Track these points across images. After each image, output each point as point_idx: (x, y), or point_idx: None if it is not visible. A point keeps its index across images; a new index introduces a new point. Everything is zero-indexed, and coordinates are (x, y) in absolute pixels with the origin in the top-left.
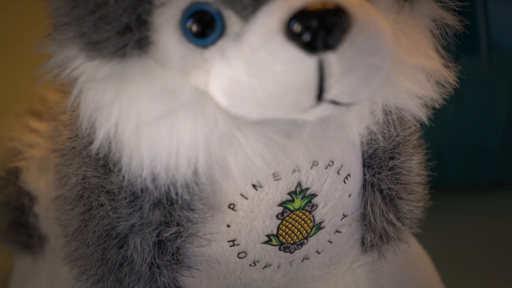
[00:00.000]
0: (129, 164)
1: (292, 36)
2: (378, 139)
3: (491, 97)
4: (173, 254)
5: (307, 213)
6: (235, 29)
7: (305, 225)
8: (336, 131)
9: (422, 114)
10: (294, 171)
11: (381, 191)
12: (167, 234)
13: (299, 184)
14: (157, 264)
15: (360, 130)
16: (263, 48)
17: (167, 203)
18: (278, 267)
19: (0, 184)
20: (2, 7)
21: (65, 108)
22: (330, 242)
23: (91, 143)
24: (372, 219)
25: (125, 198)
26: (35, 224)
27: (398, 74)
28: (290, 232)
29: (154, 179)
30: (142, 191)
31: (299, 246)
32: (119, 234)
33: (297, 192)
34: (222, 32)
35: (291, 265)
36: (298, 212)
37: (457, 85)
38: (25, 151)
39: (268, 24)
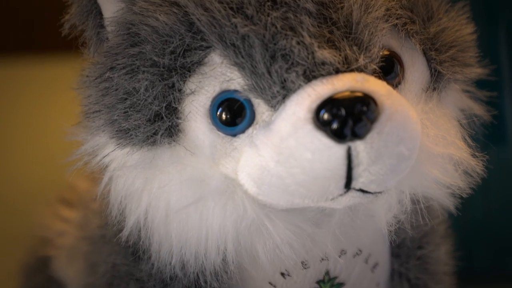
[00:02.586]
0: (158, 252)
1: (321, 124)
2: (406, 228)
3: None
4: None
5: None
6: (264, 117)
7: None
8: (364, 220)
9: (450, 204)
10: (322, 259)
11: (408, 280)
12: None
13: (327, 272)
14: None
15: (388, 219)
16: (292, 136)
17: None
18: None
19: (29, 273)
20: (32, 96)
21: (95, 195)
22: None
23: (120, 230)
24: None
25: (155, 286)
26: None
27: (426, 163)
28: None
29: (183, 267)
30: (171, 278)
31: None
32: None
33: (326, 280)
34: (251, 120)
35: None
36: None
37: (485, 175)
38: (55, 240)
39: (297, 112)
